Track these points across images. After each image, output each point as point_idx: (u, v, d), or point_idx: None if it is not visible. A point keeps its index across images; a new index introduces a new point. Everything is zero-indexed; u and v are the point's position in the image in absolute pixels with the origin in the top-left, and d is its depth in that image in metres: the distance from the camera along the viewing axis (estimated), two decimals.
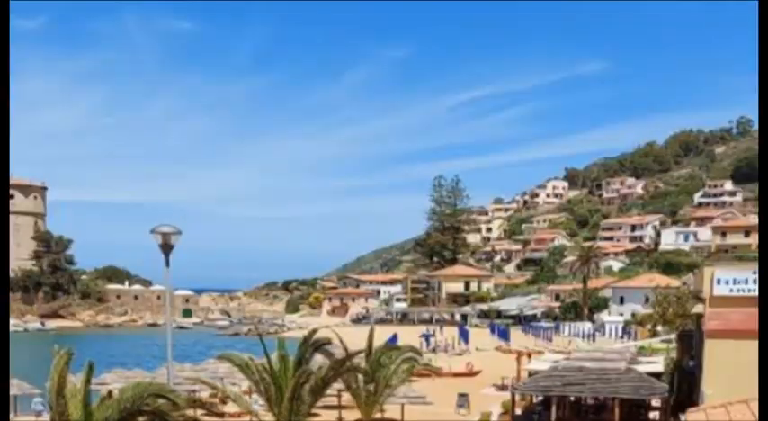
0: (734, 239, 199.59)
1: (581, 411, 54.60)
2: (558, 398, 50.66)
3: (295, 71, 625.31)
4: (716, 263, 60.50)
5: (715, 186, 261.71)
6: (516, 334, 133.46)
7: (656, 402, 54.48)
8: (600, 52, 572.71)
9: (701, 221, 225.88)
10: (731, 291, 42.57)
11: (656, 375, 54.65)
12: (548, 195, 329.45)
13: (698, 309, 49.31)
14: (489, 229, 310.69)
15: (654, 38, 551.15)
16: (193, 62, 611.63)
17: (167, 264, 24.98)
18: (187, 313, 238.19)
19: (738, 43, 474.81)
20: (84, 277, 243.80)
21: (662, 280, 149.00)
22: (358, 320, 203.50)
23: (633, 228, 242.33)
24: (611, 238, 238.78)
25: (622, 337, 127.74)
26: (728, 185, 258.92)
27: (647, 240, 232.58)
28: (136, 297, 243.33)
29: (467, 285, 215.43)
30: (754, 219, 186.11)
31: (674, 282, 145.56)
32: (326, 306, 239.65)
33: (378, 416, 45.43)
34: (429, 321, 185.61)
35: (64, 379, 20.86)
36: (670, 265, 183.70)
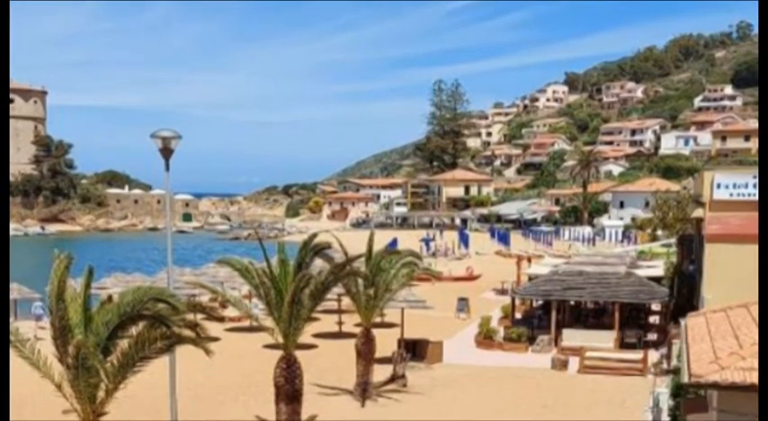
0: (734, 144, 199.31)
1: (581, 315, 54.87)
2: (558, 302, 50.90)
3: None
4: (716, 167, 60.43)
5: (715, 90, 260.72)
6: (516, 238, 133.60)
7: (655, 306, 54.80)
8: None
9: (701, 125, 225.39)
10: (731, 195, 42.55)
11: (656, 279, 54.89)
12: (548, 100, 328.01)
13: (698, 213, 49.31)
14: (489, 134, 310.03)
15: None
16: None
17: (167, 168, 24.86)
18: (187, 217, 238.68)
19: None
20: (84, 181, 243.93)
21: (662, 184, 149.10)
22: (358, 225, 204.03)
23: (633, 132, 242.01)
24: (611, 143, 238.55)
25: (622, 242, 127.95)
26: (728, 90, 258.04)
27: (647, 144, 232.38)
28: (136, 201, 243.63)
29: (467, 189, 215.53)
30: (753, 124, 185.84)
31: (674, 186, 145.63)
32: (326, 210, 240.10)
33: (378, 320, 45.65)
34: (429, 225, 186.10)
35: (64, 283, 20.82)
36: (670, 170, 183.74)
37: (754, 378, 15.55)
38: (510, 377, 42.63)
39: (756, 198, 39.40)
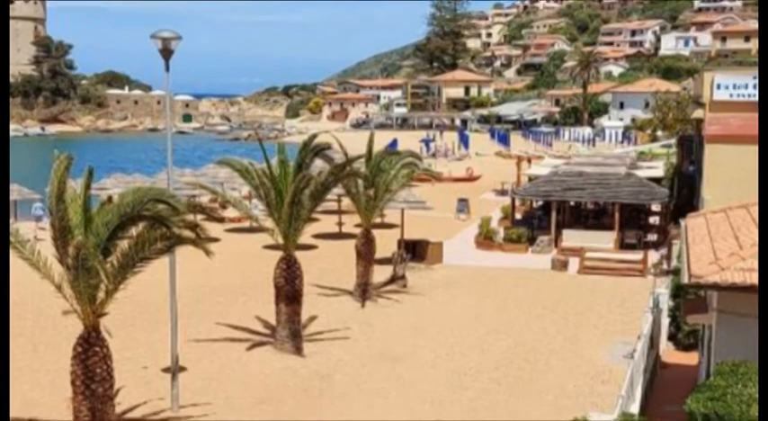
0: (734, 44, 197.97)
1: (581, 216, 54.99)
2: (558, 202, 50.95)
3: None
4: (716, 68, 60.08)
5: None
6: (516, 139, 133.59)
7: (655, 207, 54.92)
8: None
9: (701, 26, 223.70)
10: (731, 96, 42.30)
11: (656, 180, 54.90)
12: (547, 0, 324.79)
13: (698, 113, 49.12)
14: (489, 35, 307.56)
15: None
16: None
17: (167, 69, 24.65)
18: (187, 118, 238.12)
19: None
20: (84, 82, 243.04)
21: (662, 85, 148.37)
22: (358, 125, 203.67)
23: (633, 33, 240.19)
24: (610, 43, 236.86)
25: (622, 142, 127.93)
26: None
27: (647, 45, 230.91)
28: (136, 102, 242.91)
29: (467, 90, 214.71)
30: (753, 24, 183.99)
31: (674, 87, 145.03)
32: (326, 111, 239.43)
33: (378, 221, 45.69)
34: (429, 126, 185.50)
35: (64, 184, 20.75)
36: (670, 70, 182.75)
37: (754, 279, 15.55)
38: (510, 278, 42.80)
39: (756, 99, 39.21)
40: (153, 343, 30.60)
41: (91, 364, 20.91)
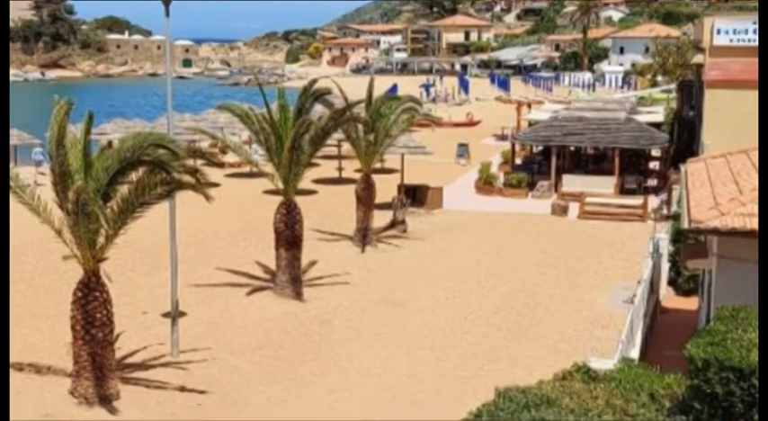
0: None
1: (581, 161, 54.94)
2: (558, 148, 50.91)
3: None
4: (716, 13, 59.76)
5: None
6: (516, 84, 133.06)
7: (656, 152, 54.88)
8: None
9: None
10: (731, 41, 42.25)
11: (656, 125, 54.85)
12: None
13: (698, 59, 49.04)
14: None
15: None
16: None
17: (167, 13, 24.51)
18: (187, 63, 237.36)
19: None
20: (84, 27, 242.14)
21: (662, 30, 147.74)
22: (358, 70, 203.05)
23: None
24: None
25: (622, 87, 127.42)
26: None
27: None
28: (136, 47, 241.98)
29: (467, 35, 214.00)
30: None
31: (674, 32, 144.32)
32: (326, 56, 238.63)
33: (378, 166, 45.65)
34: (429, 71, 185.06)
35: (64, 129, 20.72)
36: (670, 15, 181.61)
37: (754, 224, 15.55)
38: (510, 223, 42.84)
39: (756, 44, 39.10)
40: (153, 288, 30.68)
41: (91, 309, 20.99)
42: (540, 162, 54.43)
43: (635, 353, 20.36)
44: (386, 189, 42.53)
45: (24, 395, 21.42)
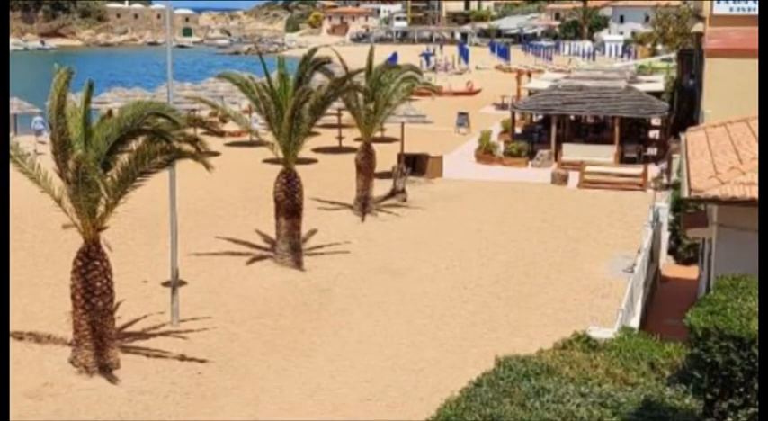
0: None
1: (581, 130, 54.87)
2: (558, 116, 50.83)
3: None
4: None
5: None
6: (516, 53, 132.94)
7: (656, 121, 54.83)
8: None
9: None
10: (731, 9, 42.04)
11: (656, 94, 54.72)
12: None
13: (698, 27, 48.80)
14: None
15: None
16: None
17: None
18: (187, 32, 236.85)
19: None
20: None
21: None
22: (358, 39, 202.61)
23: None
24: None
25: (622, 56, 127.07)
26: None
27: None
28: (136, 16, 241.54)
29: (467, 4, 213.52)
30: None
31: (674, 0, 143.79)
32: (326, 25, 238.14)
33: (378, 135, 45.58)
34: (429, 40, 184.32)
35: (64, 97, 20.70)
36: None
37: (754, 192, 15.53)
38: (510, 191, 42.83)
39: (756, 12, 38.95)
40: (153, 257, 30.71)
41: (91, 278, 21.02)
42: (540, 131, 54.36)
43: (635, 322, 20.41)
44: (386, 158, 42.48)
45: (24, 364, 21.49)
